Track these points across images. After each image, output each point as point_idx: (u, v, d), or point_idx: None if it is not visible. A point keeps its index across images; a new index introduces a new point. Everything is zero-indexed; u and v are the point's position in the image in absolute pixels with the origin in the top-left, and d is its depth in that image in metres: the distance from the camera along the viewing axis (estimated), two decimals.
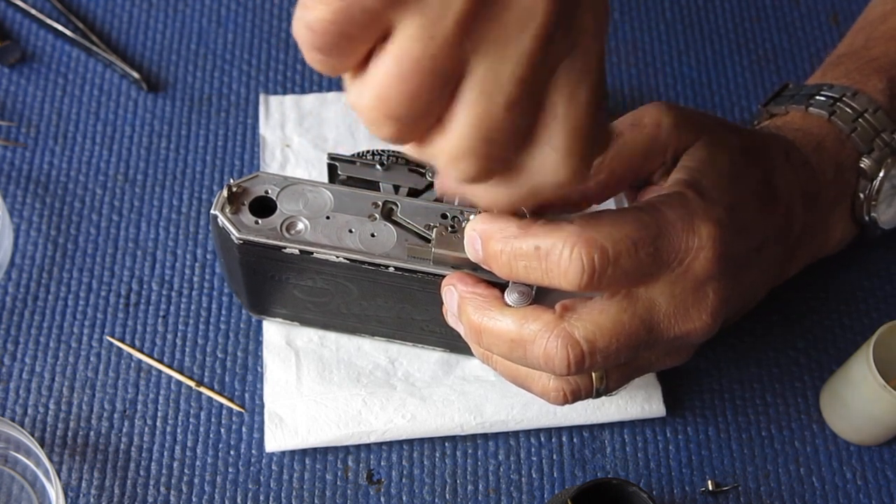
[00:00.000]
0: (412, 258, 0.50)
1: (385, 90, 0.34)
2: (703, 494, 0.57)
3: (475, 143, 0.35)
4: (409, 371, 0.58)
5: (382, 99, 0.34)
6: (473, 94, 0.34)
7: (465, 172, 0.36)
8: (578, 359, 0.43)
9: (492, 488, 0.57)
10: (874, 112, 0.55)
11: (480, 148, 0.35)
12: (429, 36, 0.33)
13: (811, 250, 0.56)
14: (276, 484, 0.56)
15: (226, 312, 0.61)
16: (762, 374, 0.61)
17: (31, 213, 0.64)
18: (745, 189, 0.49)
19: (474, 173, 0.36)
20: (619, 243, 0.42)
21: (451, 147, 0.35)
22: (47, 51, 0.70)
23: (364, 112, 0.35)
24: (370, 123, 0.35)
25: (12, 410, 0.58)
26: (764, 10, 0.75)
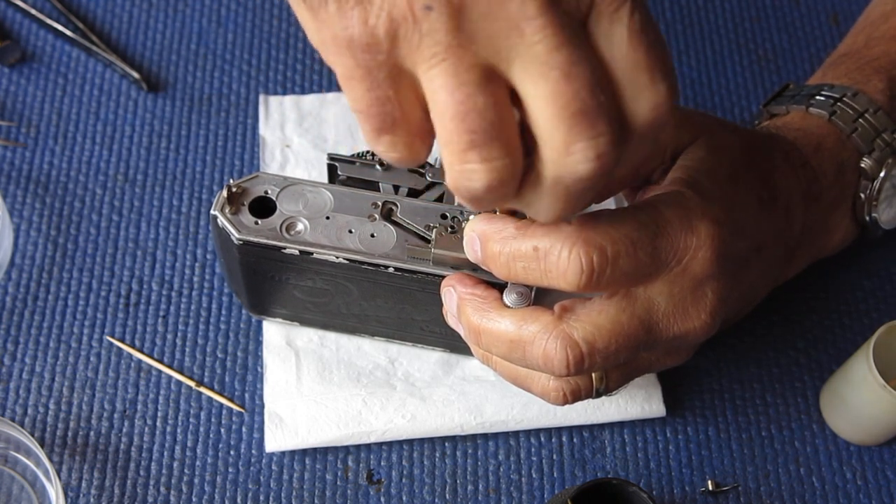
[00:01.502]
0: (412, 258, 0.50)
1: (443, 130, 0.33)
2: (703, 494, 0.57)
3: (570, 126, 0.33)
4: (409, 371, 0.58)
5: (449, 140, 0.33)
6: (531, 89, 0.33)
7: (588, 160, 0.34)
8: (578, 360, 0.43)
9: (492, 488, 0.57)
10: (875, 112, 0.55)
11: (580, 125, 0.33)
12: (440, 59, 0.33)
13: (812, 250, 0.56)
14: (276, 484, 0.56)
15: (226, 312, 0.61)
16: (762, 374, 0.61)
17: (31, 213, 0.64)
18: (744, 189, 0.49)
19: (594, 152, 0.34)
20: (617, 243, 0.42)
21: (555, 149, 0.34)
22: (47, 51, 0.70)
23: (449, 169, 0.34)
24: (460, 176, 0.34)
25: (12, 410, 0.58)
26: (764, 10, 0.75)
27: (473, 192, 0.35)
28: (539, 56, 0.32)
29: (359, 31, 0.33)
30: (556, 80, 0.33)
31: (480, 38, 0.33)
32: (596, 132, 0.33)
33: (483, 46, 0.33)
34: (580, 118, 0.33)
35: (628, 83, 0.34)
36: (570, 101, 0.33)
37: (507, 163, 0.34)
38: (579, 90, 0.33)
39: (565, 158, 0.34)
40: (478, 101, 0.33)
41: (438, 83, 0.33)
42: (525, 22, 0.32)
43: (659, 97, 0.34)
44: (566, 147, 0.34)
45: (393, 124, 0.35)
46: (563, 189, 0.36)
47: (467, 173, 0.34)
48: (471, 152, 0.34)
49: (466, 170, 0.34)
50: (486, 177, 0.34)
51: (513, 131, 0.34)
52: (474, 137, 0.33)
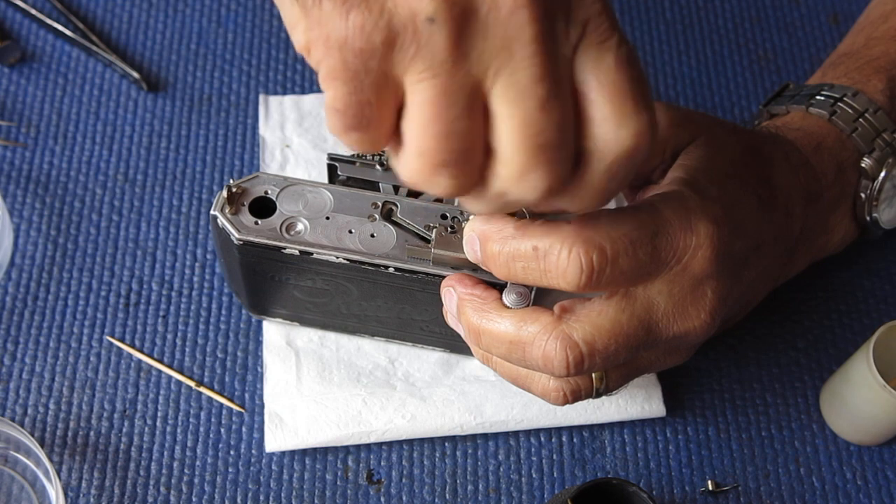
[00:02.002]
0: (412, 259, 0.50)
1: (421, 141, 0.34)
2: (703, 494, 0.57)
3: (530, 156, 0.34)
4: (409, 371, 0.58)
5: (423, 151, 0.34)
6: (505, 110, 0.34)
7: (536, 189, 0.35)
8: (577, 360, 0.43)
9: (492, 488, 0.57)
10: (874, 112, 0.55)
11: (538, 157, 0.34)
12: (432, 74, 0.33)
13: (812, 250, 0.56)
14: (276, 484, 0.56)
15: (226, 312, 0.61)
16: (762, 374, 0.61)
17: (31, 213, 0.64)
18: (743, 188, 0.49)
19: (545, 185, 0.35)
20: (617, 243, 0.42)
21: (510, 170, 0.35)
22: (47, 51, 0.70)
23: (416, 174, 0.35)
24: (425, 183, 0.35)
25: (12, 410, 0.58)
26: (764, 10, 0.74)
27: (429, 192, 0.36)
28: (520, 83, 0.33)
29: (354, 36, 0.33)
30: (531, 109, 0.33)
31: (474, 54, 0.33)
32: (552, 168, 0.34)
33: (475, 63, 0.33)
34: (542, 151, 0.34)
35: (613, 111, 0.35)
36: (537, 132, 0.34)
37: (467, 182, 0.35)
38: (549, 125, 0.34)
39: (517, 182, 0.35)
40: (461, 125, 0.34)
41: (426, 97, 0.34)
42: (518, 45, 0.33)
43: (642, 125, 0.35)
44: (521, 173, 0.35)
45: (367, 125, 0.35)
46: (503, 202, 0.37)
47: (431, 184, 0.35)
48: (443, 169, 0.35)
49: (431, 181, 0.35)
50: (446, 189, 0.35)
51: (480, 152, 0.35)
52: (448, 158, 0.34)
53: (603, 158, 0.36)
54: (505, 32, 0.32)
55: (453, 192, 0.36)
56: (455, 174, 0.35)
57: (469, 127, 0.34)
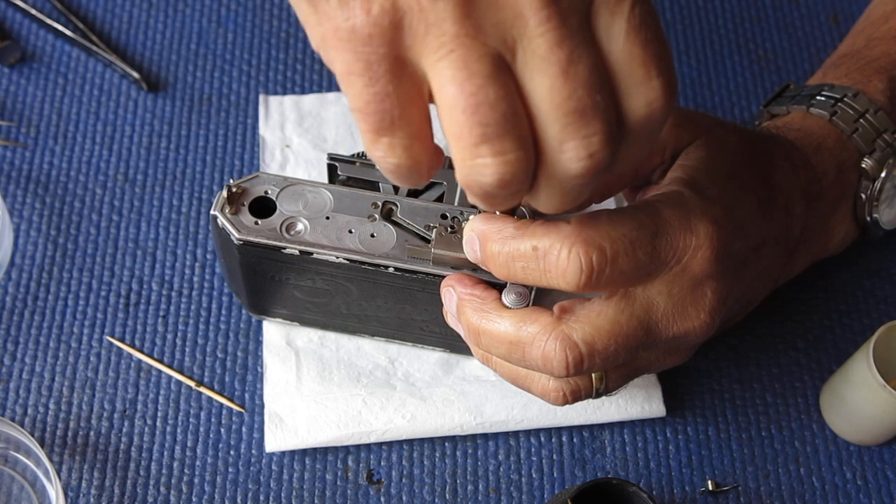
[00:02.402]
0: (412, 258, 0.50)
1: (455, 122, 0.33)
2: (703, 494, 0.57)
3: (566, 123, 0.33)
4: (409, 371, 0.58)
5: (460, 133, 0.33)
6: (531, 81, 0.32)
7: (583, 156, 0.33)
8: (577, 361, 0.43)
9: (492, 488, 0.57)
10: (875, 113, 0.55)
11: (576, 123, 0.33)
12: (448, 50, 0.32)
13: (812, 250, 0.56)
14: (276, 484, 0.56)
15: (226, 312, 0.61)
16: (762, 374, 0.61)
17: (31, 213, 0.64)
18: (743, 188, 0.49)
19: (590, 150, 0.33)
20: (616, 243, 0.42)
21: (554, 143, 0.33)
22: (47, 51, 0.70)
23: (463, 164, 0.33)
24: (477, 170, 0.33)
25: (12, 410, 0.58)
26: (764, 10, 0.74)
27: (486, 187, 0.34)
28: (539, 50, 0.32)
29: (361, 21, 0.33)
30: (554, 76, 0.32)
31: (487, 26, 0.32)
32: (589, 131, 0.33)
33: (491, 36, 0.32)
34: (574, 117, 0.33)
35: (625, 78, 0.34)
36: (566, 98, 0.32)
37: (519, 156, 0.33)
38: (576, 88, 0.32)
39: (558, 155, 0.34)
40: (489, 92, 0.32)
41: (447, 75, 0.33)
42: (530, 12, 0.32)
43: (654, 93, 0.34)
44: (560, 144, 0.33)
45: (391, 124, 0.34)
46: (558, 184, 0.35)
47: (479, 168, 0.33)
48: (483, 146, 0.33)
49: (478, 164, 0.33)
50: (500, 170, 0.33)
51: (523, 123, 0.33)
52: (486, 131, 0.33)
53: (630, 123, 0.35)
54: (515, 2, 0.32)
55: (507, 180, 0.33)
56: (498, 150, 0.33)
57: (500, 95, 0.32)
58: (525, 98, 0.33)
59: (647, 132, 0.35)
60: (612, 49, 0.33)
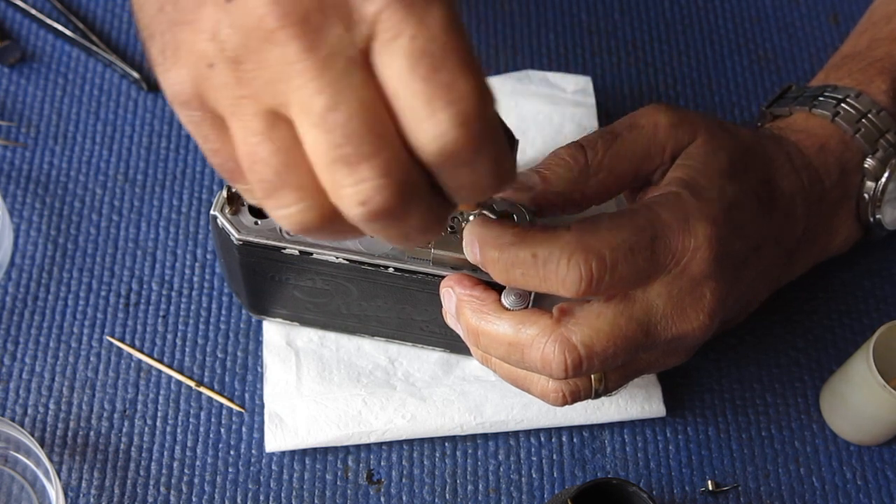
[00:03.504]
0: (412, 259, 0.50)
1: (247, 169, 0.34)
2: (703, 494, 0.57)
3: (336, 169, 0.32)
4: (409, 371, 0.58)
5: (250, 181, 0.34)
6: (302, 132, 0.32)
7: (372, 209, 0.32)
8: (576, 363, 0.44)
9: (492, 488, 0.57)
10: (878, 113, 0.55)
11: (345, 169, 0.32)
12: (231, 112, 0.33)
13: (814, 252, 0.56)
14: (276, 484, 0.56)
15: (226, 312, 0.61)
16: (762, 374, 0.60)
17: (31, 213, 0.64)
18: (743, 189, 0.49)
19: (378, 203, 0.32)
20: (616, 250, 0.42)
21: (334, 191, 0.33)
22: (47, 51, 0.70)
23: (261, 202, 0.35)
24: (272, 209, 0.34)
25: (12, 410, 0.58)
26: (764, 10, 0.74)
27: (295, 232, 0.35)
28: (302, 101, 0.32)
29: (177, 90, 0.34)
30: (315, 126, 0.32)
31: (259, 86, 0.32)
32: (356, 178, 0.32)
33: (264, 94, 0.32)
34: (339, 166, 0.32)
35: (407, 115, 0.32)
36: (327, 148, 0.32)
37: (302, 207, 0.33)
38: (335, 137, 0.31)
39: (340, 203, 0.33)
40: (262, 149, 0.33)
41: (233, 132, 0.34)
42: (289, 67, 0.31)
43: (440, 127, 0.31)
44: (334, 192, 0.33)
45: (231, 175, 0.35)
46: (364, 228, 0.34)
47: (278, 218, 0.34)
48: (268, 200, 0.34)
49: (275, 215, 0.34)
50: (291, 221, 0.34)
51: (304, 174, 0.33)
52: (265, 186, 0.33)
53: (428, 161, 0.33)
54: (275, 59, 0.31)
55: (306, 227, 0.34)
56: (281, 203, 0.33)
57: (272, 151, 0.33)
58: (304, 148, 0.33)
59: (457, 164, 0.33)
60: (393, 87, 0.32)
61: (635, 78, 0.71)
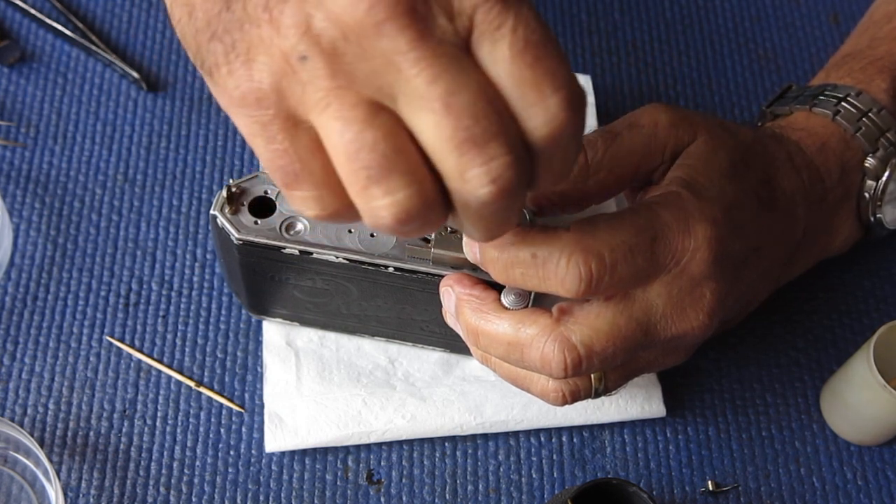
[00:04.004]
0: (411, 258, 0.50)
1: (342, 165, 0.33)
2: (703, 494, 0.57)
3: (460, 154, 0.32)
4: (409, 371, 0.58)
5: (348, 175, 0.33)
6: (417, 122, 0.32)
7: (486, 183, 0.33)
8: (575, 363, 0.44)
9: (492, 488, 0.57)
10: (878, 112, 0.55)
11: (470, 152, 0.32)
12: (325, 104, 0.33)
13: (815, 251, 0.56)
14: (276, 484, 0.56)
15: (226, 312, 0.61)
16: (762, 374, 0.60)
17: (31, 213, 0.64)
18: (743, 188, 0.49)
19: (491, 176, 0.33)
20: (615, 251, 0.42)
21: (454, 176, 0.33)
22: (47, 51, 0.70)
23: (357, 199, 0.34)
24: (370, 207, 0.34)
25: (12, 410, 0.58)
26: (764, 10, 0.74)
27: (388, 227, 0.34)
28: (418, 89, 0.32)
29: (246, 89, 0.34)
30: (437, 111, 0.32)
31: (360, 77, 0.32)
32: (487, 157, 0.32)
33: (364, 85, 0.33)
34: (468, 146, 0.32)
35: (518, 101, 0.33)
36: (454, 131, 0.32)
37: (410, 192, 0.33)
38: (462, 119, 0.32)
39: (463, 186, 0.33)
40: (366, 136, 0.33)
41: (329, 127, 0.33)
42: (399, 57, 0.32)
43: (551, 112, 0.33)
44: (461, 175, 0.33)
45: (295, 178, 0.35)
46: (475, 212, 0.35)
47: (374, 210, 0.34)
48: (371, 189, 0.33)
49: (372, 207, 0.34)
50: (393, 210, 0.33)
51: (412, 159, 0.33)
52: (371, 173, 0.33)
53: (537, 142, 0.34)
54: (381, 50, 0.32)
55: (403, 217, 0.34)
56: (386, 190, 0.33)
57: (378, 137, 0.33)
58: (417, 138, 0.33)
59: (559, 148, 0.34)
60: (500, 75, 0.32)
61: (635, 78, 0.71)
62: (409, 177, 0.33)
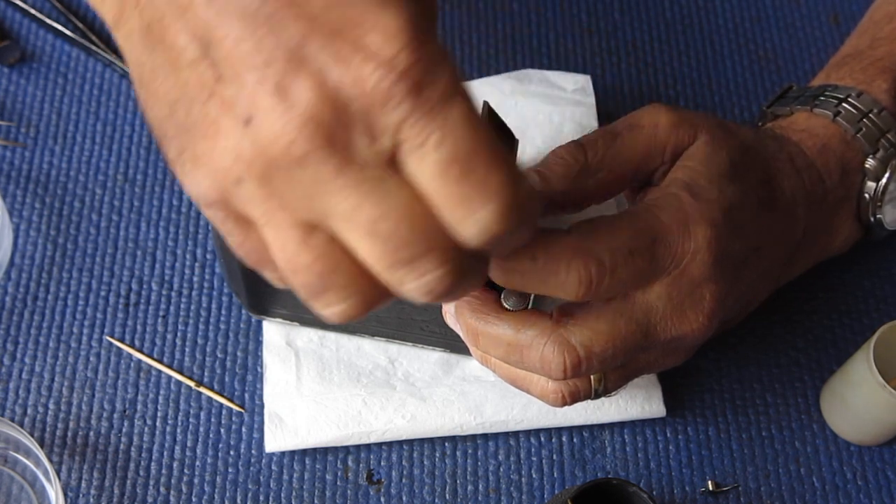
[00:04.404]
0: None
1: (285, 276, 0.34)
2: (703, 494, 0.57)
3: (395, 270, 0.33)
4: (409, 371, 0.58)
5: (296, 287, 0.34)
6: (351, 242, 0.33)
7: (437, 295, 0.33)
8: (575, 364, 0.44)
9: (492, 488, 0.57)
10: (879, 112, 0.55)
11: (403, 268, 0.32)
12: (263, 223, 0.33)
13: (815, 251, 0.56)
14: (276, 484, 0.56)
15: (226, 312, 0.61)
16: (762, 374, 0.60)
17: (31, 213, 0.64)
18: (743, 189, 0.49)
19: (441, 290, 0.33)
20: (615, 254, 0.42)
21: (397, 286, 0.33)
22: (47, 51, 0.70)
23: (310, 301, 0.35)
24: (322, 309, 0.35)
25: (12, 410, 0.58)
26: (764, 10, 0.74)
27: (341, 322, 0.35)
28: (345, 215, 0.32)
29: (196, 192, 0.34)
30: (364, 237, 0.32)
31: (292, 200, 0.32)
32: (418, 273, 0.33)
33: (297, 208, 0.33)
34: (398, 266, 0.32)
35: (448, 216, 0.32)
36: (382, 255, 0.32)
37: (349, 303, 0.34)
38: (388, 244, 0.32)
39: (405, 294, 0.34)
40: (301, 258, 0.33)
41: (269, 243, 0.34)
42: (324, 185, 0.32)
43: (479, 226, 0.32)
44: (398, 287, 0.33)
45: (258, 264, 0.36)
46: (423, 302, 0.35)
47: (324, 315, 0.35)
48: (314, 300, 0.34)
49: (321, 312, 0.35)
50: (340, 316, 0.34)
51: (349, 273, 0.33)
52: (309, 290, 0.34)
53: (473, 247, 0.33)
54: (308, 179, 0.32)
55: (353, 317, 0.35)
56: (327, 303, 0.34)
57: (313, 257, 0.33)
58: (353, 254, 0.34)
59: (503, 244, 0.33)
60: (427, 191, 0.32)
61: (635, 78, 0.71)
62: (347, 290, 0.34)
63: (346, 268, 0.34)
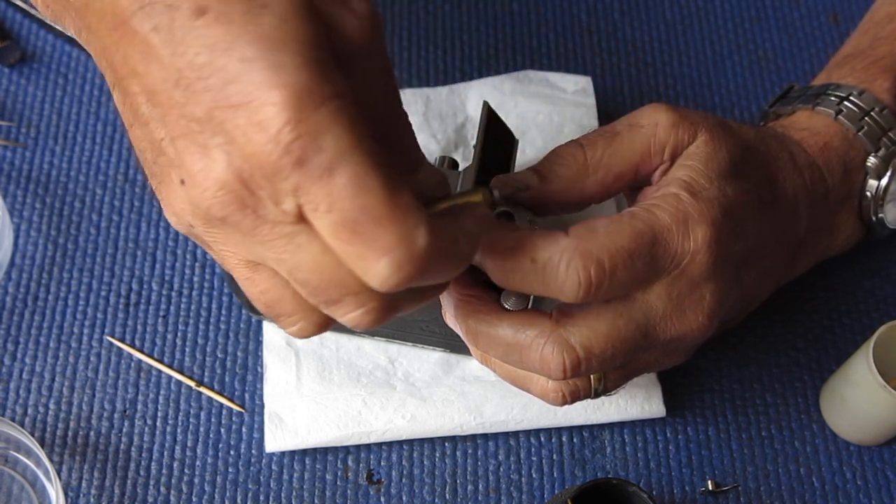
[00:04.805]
0: None
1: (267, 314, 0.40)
2: (703, 494, 0.57)
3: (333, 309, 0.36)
4: (409, 371, 0.58)
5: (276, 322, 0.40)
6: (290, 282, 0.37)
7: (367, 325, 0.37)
8: (574, 364, 0.43)
9: (492, 488, 0.57)
10: (881, 111, 0.55)
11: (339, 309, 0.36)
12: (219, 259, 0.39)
13: (816, 250, 0.56)
14: (276, 484, 0.56)
15: (226, 312, 0.61)
16: (762, 374, 0.60)
17: (31, 213, 0.64)
18: (744, 188, 0.49)
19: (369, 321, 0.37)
20: (615, 256, 0.42)
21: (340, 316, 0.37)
22: (47, 51, 0.70)
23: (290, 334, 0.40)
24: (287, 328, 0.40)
25: (12, 410, 0.58)
26: (764, 10, 0.74)
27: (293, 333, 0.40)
28: (272, 261, 0.36)
29: (170, 219, 0.38)
30: (291, 281, 0.36)
31: (234, 246, 0.37)
32: (343, 311, 0.36)
33: (239, 251, 0.37)
34: (325, 305, 0.36)
35: (352, 267, 0.34)
36: (308, 297, 0.36)
37: (301, 325, 0.39)
38: (308, 289, 0.36)
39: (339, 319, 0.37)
40: (251, 290, 0.38)
41: (228, 269, 0.39)
42: (248, 238, 0.35)
43: (380, 277, 0.34)
44: (336, 317, 0.37)
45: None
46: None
47: (287, 331, 0.40)
48: (278, 320, 0.39)
49: (287, 330, 0.40)
50: (300, 334, 0.39)
51: (295, 301, 0.38)
52: (269, 311, 0.39)
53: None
54: (235, 231, 0.35)
55: (306, 336, 0.39)
56: (284, 323, 0.39)
57: (261, 290, 0.38)
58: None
59: (419, 284, 0.36)
60: (331, 246, 0.34)
61: (635, 78, 0.71)
62: (296, 315, 0.38)
63: (289, 298, 0.38)
